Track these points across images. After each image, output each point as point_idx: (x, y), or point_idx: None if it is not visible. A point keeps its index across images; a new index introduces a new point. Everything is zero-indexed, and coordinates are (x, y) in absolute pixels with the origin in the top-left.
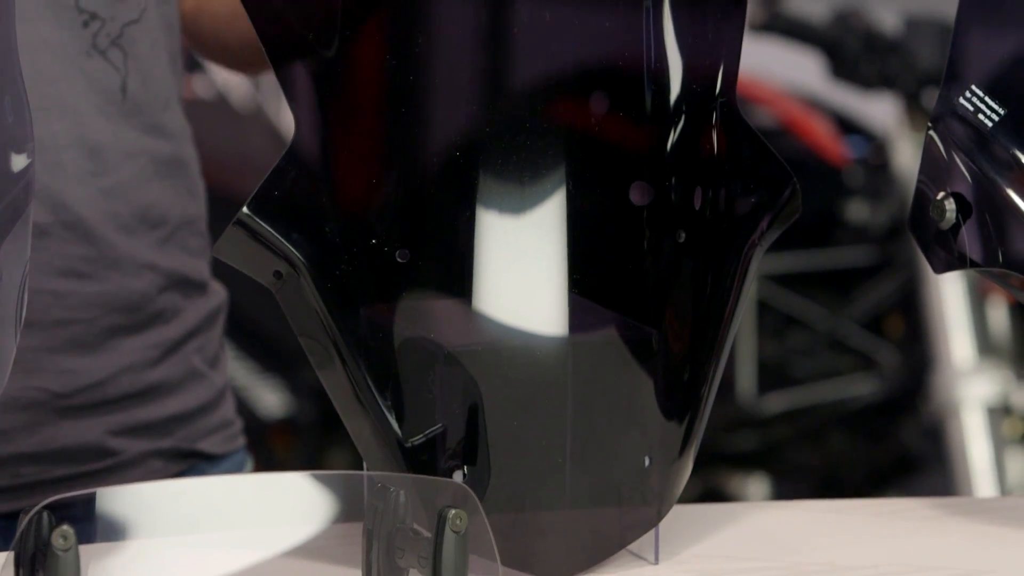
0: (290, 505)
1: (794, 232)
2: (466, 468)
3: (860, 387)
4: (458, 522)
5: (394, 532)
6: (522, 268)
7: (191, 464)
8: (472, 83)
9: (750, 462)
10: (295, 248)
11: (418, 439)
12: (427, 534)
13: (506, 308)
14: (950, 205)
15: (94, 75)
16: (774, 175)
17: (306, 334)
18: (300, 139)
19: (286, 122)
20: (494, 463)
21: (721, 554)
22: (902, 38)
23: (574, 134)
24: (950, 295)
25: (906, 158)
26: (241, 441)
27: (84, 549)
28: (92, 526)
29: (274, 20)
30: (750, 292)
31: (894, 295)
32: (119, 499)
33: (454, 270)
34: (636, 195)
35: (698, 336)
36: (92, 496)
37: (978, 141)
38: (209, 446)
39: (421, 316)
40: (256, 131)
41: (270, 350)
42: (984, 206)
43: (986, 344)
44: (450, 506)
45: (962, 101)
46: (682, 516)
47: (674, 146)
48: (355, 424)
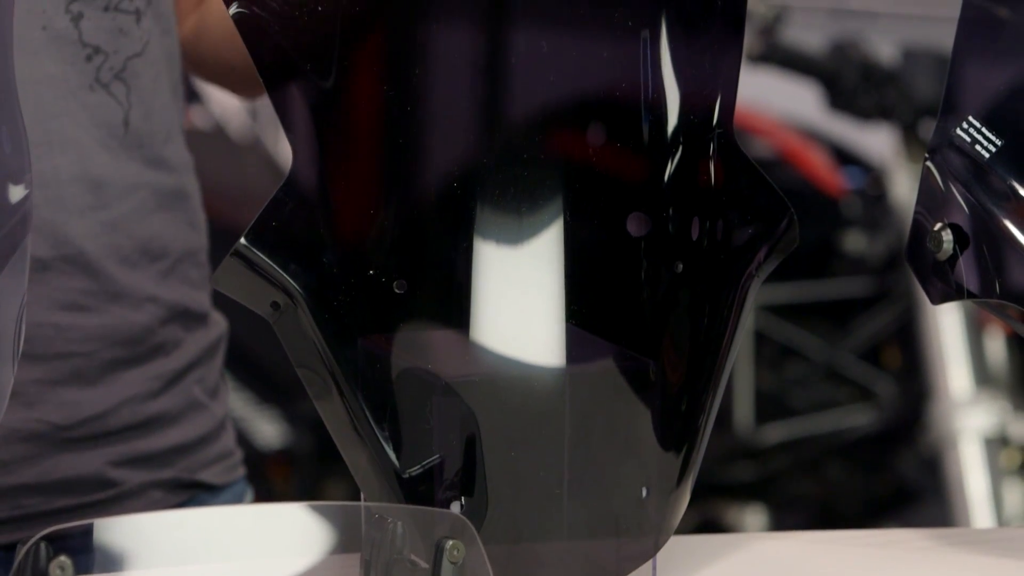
0: (288, 536)
1: (791, 263)
2: (463, 499)
3: (857, 418)
4: (455, 553)
5: (392, 563)
6: (520, 299)
7: (192, 495)
8: (470, 114)
9: (748, 493)
10: (293, 279)
11: (416, 470)
12: (425, 565)
13: (504, 339)
14: (947, 236)
15: (96, 109)
16: (771, 206)
17: (304, 365)
18: (297, 170)
19: (284, 153)
20: (491, 494)
21: None
22: (899, 69)
23: (571, 165)
24: (947, 326)
25: (903, 189)
26: (241, 471)
27: None
28: (90, 557)
29: (272, 50)
30: (747, 323)
31: (891, 326)
32: (117, 530)
33: (452, 301)
34: (634, 226)
35: (695, 367)
36: (90, 527)
37: (975, 172)
38: (209, 477)
39: (419, 347)
40: (254, 162)
41: (268, 381)
42: (981, 237)
43: (983, 375)
44: (448, 537)
45: (959, 132)
46: (679, 547)
47: (671, 177)
48: (353, 455)
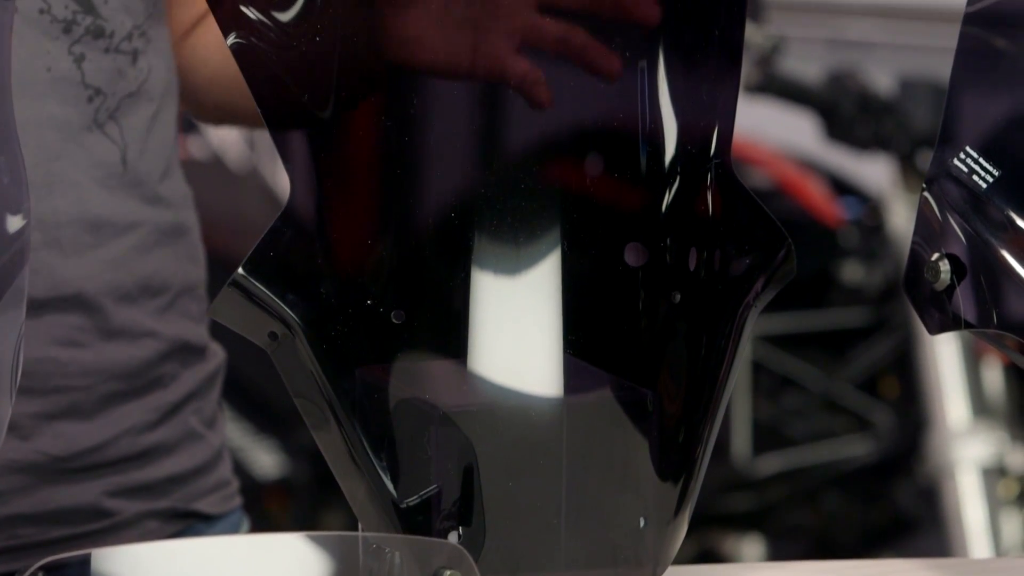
0: (285, 566)
1: (789, 293)
2: (461, 529)
3: (855, 448)
4: None
5: None
6: (517, 329)
7: (188, 524)
8: (467, 144)
9: (745, 523)
10: (290, 309)
11: (413, 500)
12: None
13: (501, 369)
14: (945, 266)
15: (94, 149)
16: (769, 236)
17: (301, 395)
18: (295, 200)
19: (281, 183)
20: (489, 524)
21: None
22: (896, 99)
23: (569, 195)
24: (945, 356)
25: (901, 219)
26: (238, 501)
27: None
28: None
29: (269, 81)
30: (745, 353)
31: (889, 356)
32: (114, 560)
33: (449, 331)
34: (631, 256)
35: (693, 397)
36: (87, 557)
37: (973, 202)
38: (206, 506)
39: (416, 377)
40: (251, 192)
41: (266, 411)
42: (979, 267)
43: (981, 405)
44: (445, 567)
45: (956, 162)
46: None
47: (669, 207)
48: (350, 485)
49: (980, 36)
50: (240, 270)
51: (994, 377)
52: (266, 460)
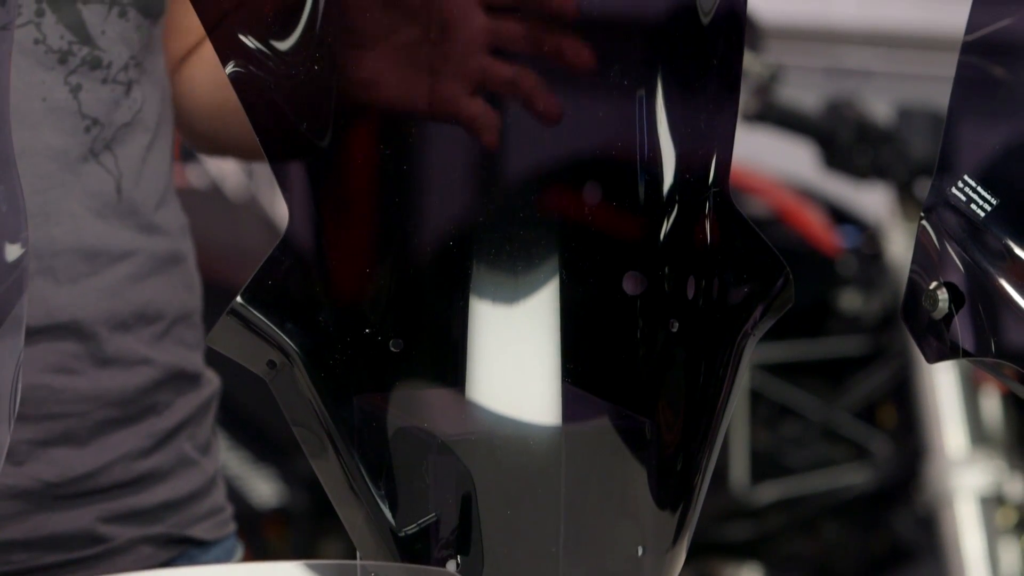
0: None
1: (787, 322)
2: (459, 557)
3: (853, 476)
4: None
5: None
6: (515, 358)
7: (182, 550)
8: (466, 173)
9: (743, 552)
10: (289, 337)
11: (412, 528)
12: None
13: (500, 398)
14: (943, 295)
15: (89, 179)
16: (767, 265)
17: (300, 423)
18: (294, 229)
19: (280, 212)
20: (487, 552)
21: None
22: (895, 128)
23: (567, 224)
24: (943, 385)
25: (899, 248)
26: (232, 527)
27: None
28: None
29: (268, 109)
30: (743, 381)
31: (887, 385)
32: None
33: (448, 359)
34: (629, 285)
35: (691, 425)
36: None
37: (971, 231)
38: (200, 532)
39: (415, 405)
40: (250, 220)
41: (264, 439)
42: (977, 296)
43: (979, 434)
44: None
45: (955, 191)
46: None
47: (667, 236)
48: (349, 513)
49: (978, 65)
50: (239, 298)
51: (992, 406)
52: (264, 489)
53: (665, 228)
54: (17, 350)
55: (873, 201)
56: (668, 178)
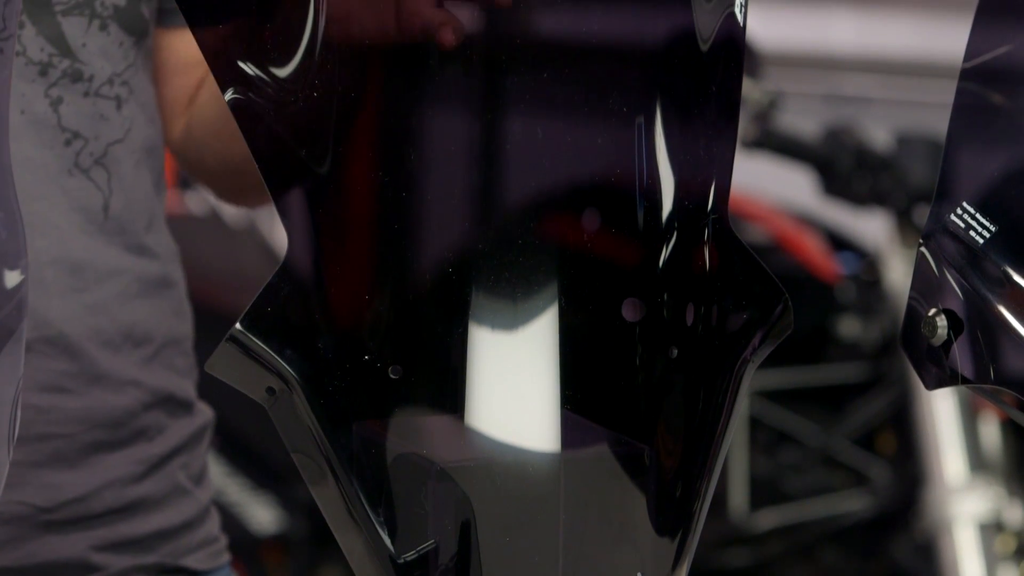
0: None
1: (786, 348)
2: None
3: (852, 503)
4: None
5: None
6: (515, 384)
7: None
8: (465, 200)
9: None
10: (288, 364)
11: (411, 555)
12: None
13: (499, 424)
14: (942, 321)
15: (75, 193)
16: (766, 291)
17: (299, 450)
18: (293, 256)
19: (279, 238)
20: None
21: None
22: (893, 155)
23: (566, 251)
24: (942, 411)
25: (898, 274)
26: (226, 558)
27: None
28: None
29: (267, 136)
30: (742, 408)
31: (886, 411)
32: None
33: (447, 386)
34: (628, 311)
35: (690, 452)
36: None
37: (969, 258)
38: (194, 562)
39: (414, 432)
40: (249, 247)
41: (263, 466)
42: (976, 323)
43: (978, 460)
44: None
45: (953, 218)
46: None
47: (666, 263)
48: (348, 540)
49: (977, 92)
50: (238, 325)
51: (991, 432)
52: (264, 515)
53: (664, 255)
54: (17, 374)
55: (872, 228)
56: (667, 205)
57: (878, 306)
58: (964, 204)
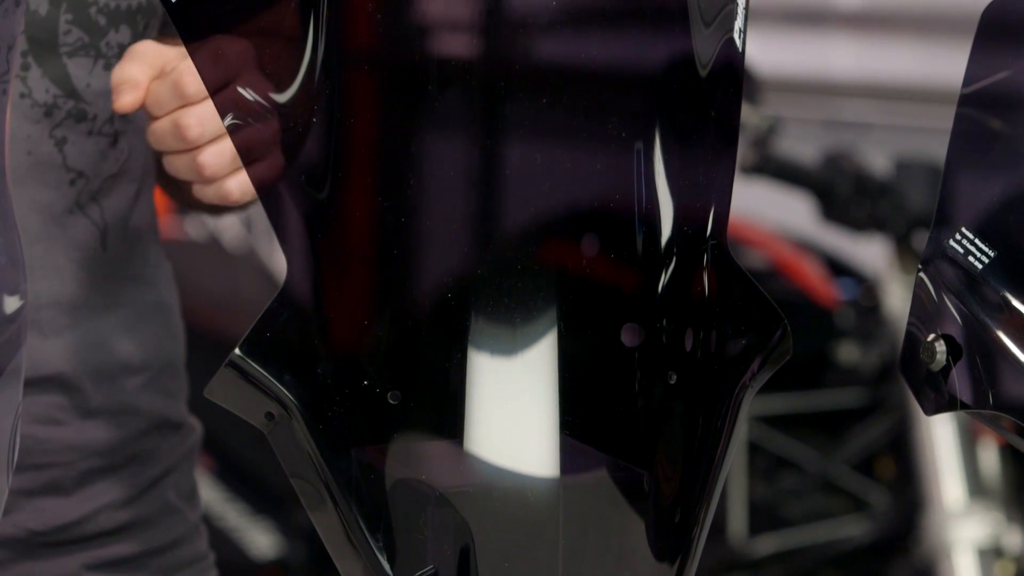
0: None
1: (785, 373)
2: None
3: (851, 529)
4: None
5: None
6: (514, 410)
7: None
8: (464, 225)
9: None
10: (287, 390)
11: None
12: None
13: (498, 450)
14: (941, 347)
15: (74, 232)
16: (765, 317)
17: (298, 475)
18: (292, 281)
19: (278, 264)
20: None
21: None
22: (892, 181)
23: (565, 276)
24: (941, 437)
25: (897, 300)
26: (214, 574)
27: None
28: None
29: (267, 162)
30: (740, 433)
31: (885, 437)
32: None
33: (446, 411)
34: (627, 337)
35: (689, 477)
36: None
37: (968, 283)
38: None
39: (413, 457)
40: (248, 272)
41: (262, 491)
42: (975, 348)
43: (977, 486)
44: None
45: (952, 243)
46: None
47: (665, 288)
48: (347, 566)
49: (975, 117)
50: (237, 351)
51: (990, 458)
52: (262, 540)
53: (663, 280)
54: (16, 401)
55: (871, 253)
56: (666, 230)
57: (877, 331)
58: (963, 229)
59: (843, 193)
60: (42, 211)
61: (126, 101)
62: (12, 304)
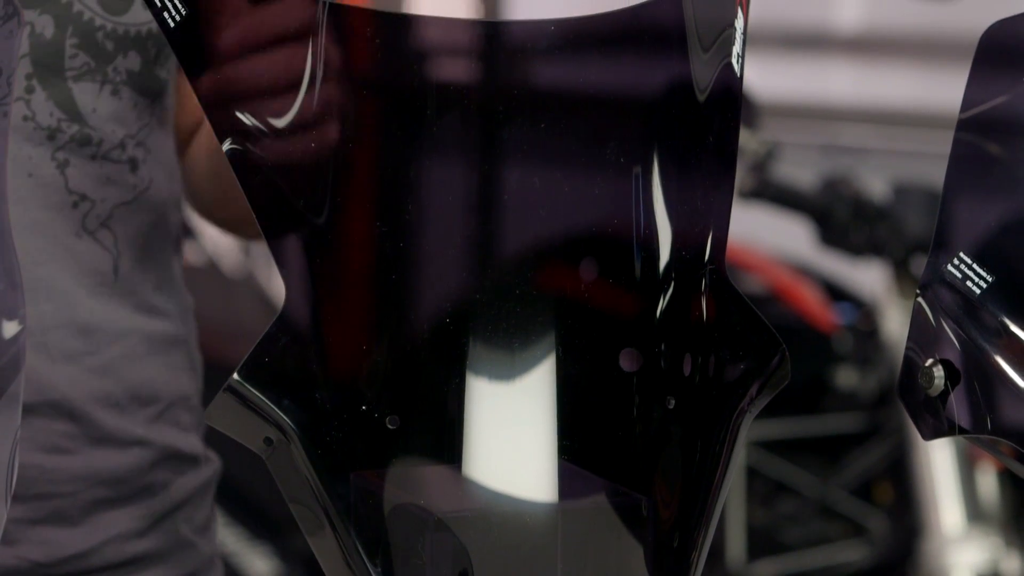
0: None
1: (783, 398)
2: None
3: (850, 554)
4: None
5: None
6: (512, 434)
7: None
8: (462, 250)
9: None
10: (285, 415)
11: None
12: None
13: (496, 475)
14: (939, 372)
15: (84, 256)
16: (763, 342)
17: (297, 500)
18: (291, 306)
19: (277, 288)
20: None
21: None
22: (890, 205)
23: (564, 301)
24: (939, 462)
25: (895, 325)
26: None
27: None
28: None
29: (265, 186)
30: (739, 458)
31: (883, 462)
32: None
33: (444, 436)
34: (626, 362)
35: (687, 502)
36: None
37: (966, 308)
38: None
39: (411, 482)
40: (247, 297)
41: (260, 516)
42: (973, 373)
43: (975, 511)
44: None
45: (950, 268)
46: None
47: (663, 313)
48: None
49: (973, 142)
50: (235, 376)
51: (988, 483)
52: (261, 566)
53: (662, 305)
54: (14, 427)
55: (869, 278)
56: (664, 255)
57: (875, 356)
58: (961, 254)
59: (841, 218)
60: (45, 233)
61: None
62: (11, 328)
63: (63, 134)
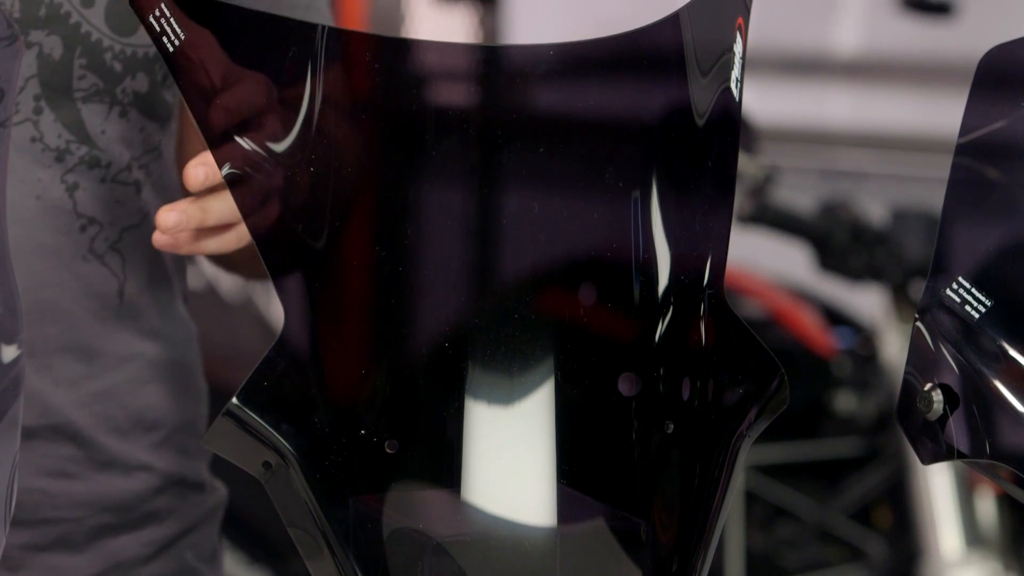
0: None
1: (782, 423)
2: None
3: None
4: None
5: None
6: (511, 459)
7: None
8: (461, 275)
9: None
10: (284, 439)
11: None
12: None
13: (495, 499)
14: (937, 396)
15: (90, 279)
16: (762, 366)
17: (295, 525)
18: (289, 330)
19: (275, 313)
20: None
21: None
22: (889, 230)
23: (563, 325)
24: (938, 486)
25: (894, 349)
26: None
27: None
28: None
29: (264, 212)
30: (738, 483)
31: (882, 486)
32: None
33: (443, 461)
34: (624, 386)
35: (686, 527)
36: None
37: (965, 333)
38: None
39: (410, 507)
40: (245, 322)
41: (259, 540)
42: (971, 397)
43: (974, 535)
44: None
45: (949, 293)
46: None
47: (662, 337)
48: None
49: (972, 167)
50: (234, 400)
51: (987, 507)
52: None
53: (660, 329)
54: (13, 451)
55: (868, 303)
56: (663, 280)
57: (874, 381)
58: (960, 279)
59: (840, 242)
60: (51, 256)
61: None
62: (9, 353)
63: (72, 156)
